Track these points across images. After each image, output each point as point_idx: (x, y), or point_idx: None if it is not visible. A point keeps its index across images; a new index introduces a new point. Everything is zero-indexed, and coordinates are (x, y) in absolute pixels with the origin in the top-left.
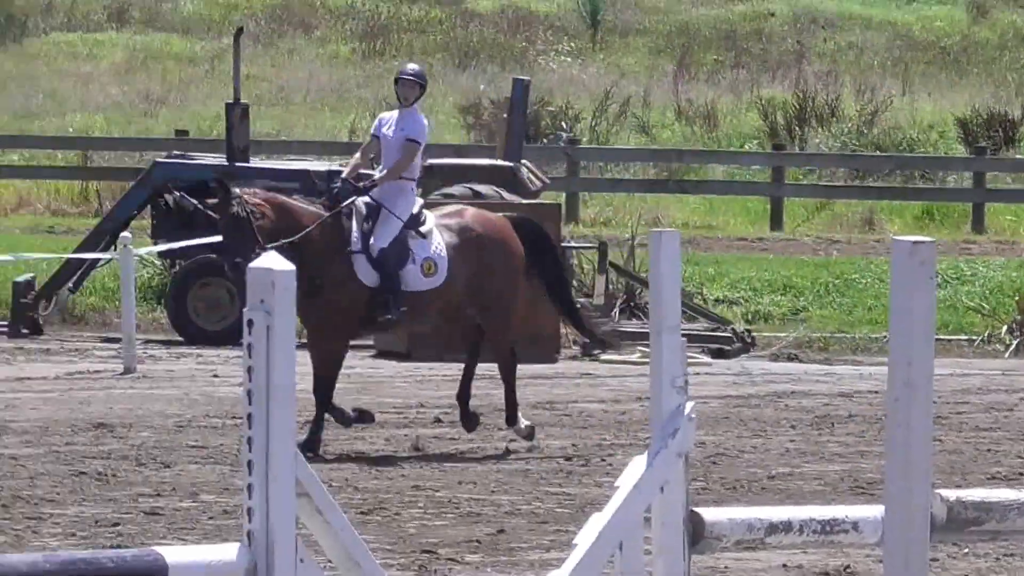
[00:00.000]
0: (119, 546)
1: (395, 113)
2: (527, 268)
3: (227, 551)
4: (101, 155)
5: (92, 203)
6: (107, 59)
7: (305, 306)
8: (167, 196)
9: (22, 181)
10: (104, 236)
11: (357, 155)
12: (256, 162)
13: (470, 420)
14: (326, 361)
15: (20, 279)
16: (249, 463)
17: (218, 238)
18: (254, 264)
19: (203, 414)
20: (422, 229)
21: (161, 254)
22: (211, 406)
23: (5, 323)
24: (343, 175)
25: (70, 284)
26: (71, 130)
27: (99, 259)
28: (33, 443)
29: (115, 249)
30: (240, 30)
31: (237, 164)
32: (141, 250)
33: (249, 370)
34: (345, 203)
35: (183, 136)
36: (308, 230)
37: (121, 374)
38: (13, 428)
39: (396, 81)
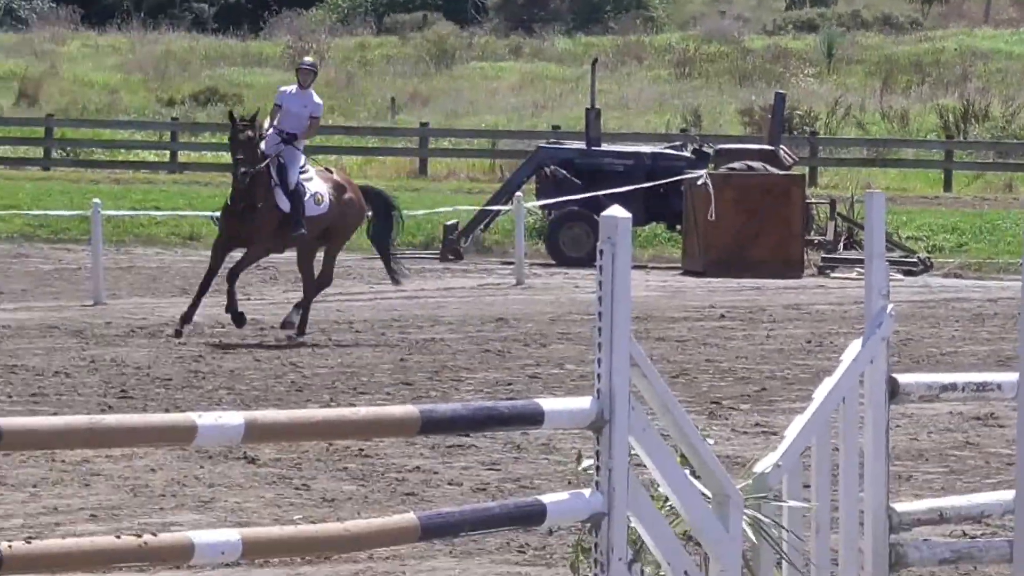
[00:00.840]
0: (511, 398)
1: (293, 89)
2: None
3: (583, 402)
4: (503, 142)
5: (496, 173)
6: (507, 79)
7: (241, 219)
8: (546, 169)
9: (451, 159)
10: (504, 195)
11: (270, 119)
12: (605, 147)
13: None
14: (251, 259)
15: (448, 223)
16: (599, 343)
17: (567, 196)
18: (606, 213)
19: (567, 312)
20: (310, 175)
21: (541, 207)
22: (574, 307)
23: (437, 252)
24: (273, 128)
25: (481, 226)
26: (483, 125)
27: (501, 210)
28: (455, 330)
29: (512, 203)
30: (595, 60)
31: (592, 149)
32: (528, 204)
33: (600, 283)
34: (275, 152)
35: (557, 130)
36: (265, 163)
37: (513, 285)
38: (442, 320)
39: (297, 70)
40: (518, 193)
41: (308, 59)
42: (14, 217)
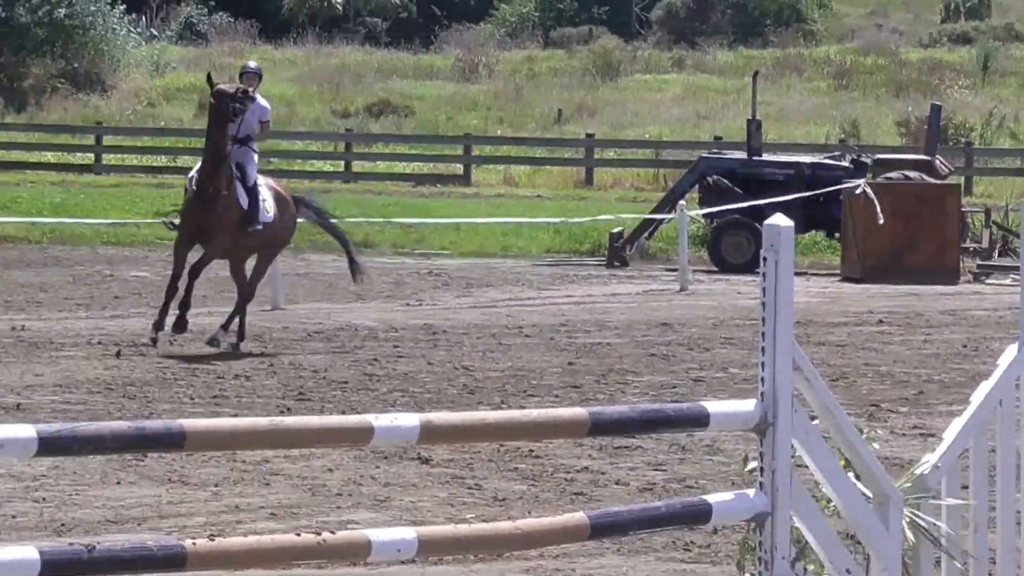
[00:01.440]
0: (676, 401)
1: None
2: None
3: (747, 405)
4: (666, 152)
5: (659, 183)
6: (670, 91)
7: (205, 209)
8: (708, 178)
9: (616, 168)
10: (668, 203)
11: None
12: (765, 157)
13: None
14: (211, 256)
15: (613, 231)
16: (762, 348)
17: (729, 205)
18: (768, 222)
19: (730, 317)
20: (260, 181)
21: (704, 215)
22: (736, 312)
23: (603, 259)
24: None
25: (646, 234)
26: (647, 136)
27: (664, 218)
28: (621, 334)
29: (675, 212)
30: (756, 72)
31: (753, 159)
32: (691, 212)
33: (763, 289)
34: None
35: (718, 140)
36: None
37: (677, 291)
38: (608, 324)
39: (241, 75)
40: (681, 202)
41: (251, 63)
42: None
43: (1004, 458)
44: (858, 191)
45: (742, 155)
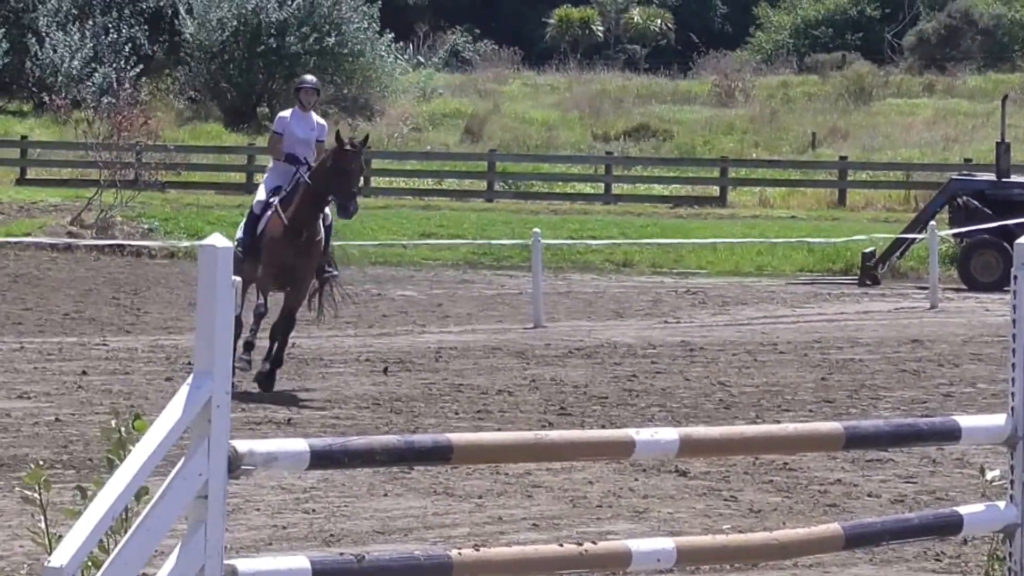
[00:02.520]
0: (926, 415)
1: (290, 113)
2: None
3: (998, 419)
4: (917, 174)
5: (911, 204)
6: (921, 115)
7: (299, 252)
8: (958, 199)
9: (868, 190)
10: (919, 224)
11: (280, 147)
12: (1015, 178)
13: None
14: (302, 300)
15: (866, 250)
16: (1012, 364)
17: (979, 225)
18: (1020, 241)
19: (979, 334)
20: None
21: (954, 235)
22: (985, 329)
23: (856, 278)
24: (285, 157)
25: (897, 254)
26: (898, 159)
27: (916, 238)
28: (873, 351)
29: (926, 232)
30: (1005, 96)
31: (1003, 180)
32: (942, 232)
33: (1014, 307)
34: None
35: (968, 162)
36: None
37: (928, 309)
38: (860, 341)
39: (298, 90)
40: (932, 222)
41: (309, 77)
42: (460, 246)
43: None
44: None
45: (991, 177)
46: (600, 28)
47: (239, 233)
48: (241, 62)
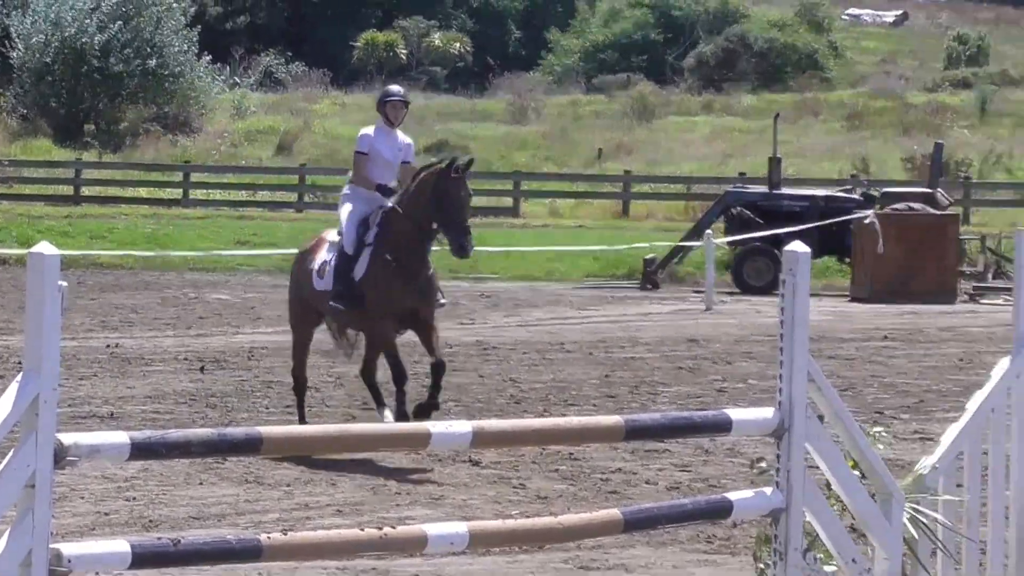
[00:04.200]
0: (701, 409)
1: (373, 130)
2: None
3: (766, 412)
4: (696, 187)
5: (689, 214)
6: (700, 132)
7: (420, 293)
8: (733, 210)
9: (650, 201)
10: (696, 232)
11: (354, 171)
12: (785, 191)
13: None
14: (438, 334)
15: (647, 257)
16: (780, 361)
17: (751, 233)
18: (788, 248)
19: (750, 334)
20: None
21: (729, 243)
22: (756, 330)
23: (638, 282)
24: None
25: (676, 260)
26: (678, 172)
27: (693, 245)
28: (652, 350)
29: (702, 240)
30: (777, 115)
31: (773, 192)
32: (717, 240)
33: (782, 308)
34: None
35: (743, 176)
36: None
37: (703, 311)
38: (641, 341)
39: (384, 103)
40: (708, 231)
41: (396, 88)
42: (272, 254)
43: (995, 460)
44: (867, 221)
45: (763, 189)
46: (403, 51)
47: (327, 283)
48: (67, 82)
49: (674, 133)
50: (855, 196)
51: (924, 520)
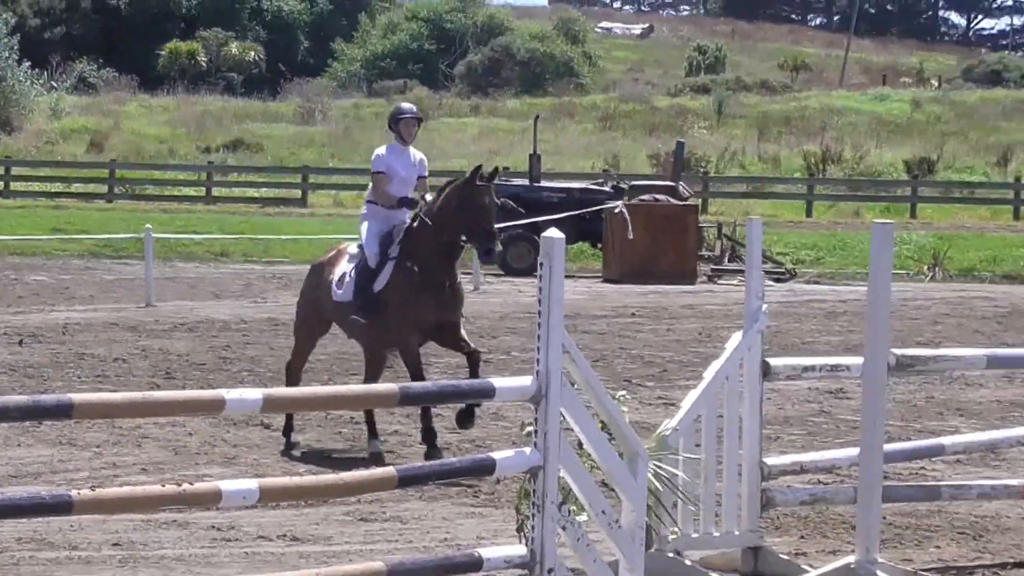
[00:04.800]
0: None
1: (387, 149)
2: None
3: (525, 380)
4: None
5: None
6: (469, 131)
7: (445, 305)
8: (499, 201)
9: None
10: None
11: (372, 190)
12: (544, 184)
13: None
14: (466, 338)
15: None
16: (538, 335)
17: (514, 222)
18: (544, 235)
19: (513, 311)
20: None
21: (496, 229)
22: (518, 308)
23: None
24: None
25: None
26: (450, 167)
27: None
28: None
29: None
30: (537, 116)
31: (534, 185)
32: None
33: (540, 288)
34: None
35: (507, 170)
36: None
37: (471, 291)
38: None
39: (397, 120)
40: None
41: (408, 105)
42: (85, 239)
43: (729, 423)
44: (616, 210)
45: (525, 182)
46: (204, 59)
47: (346, 294)
48: None
49: (446, 133)
50: (606, 188)
51: (666, 476)
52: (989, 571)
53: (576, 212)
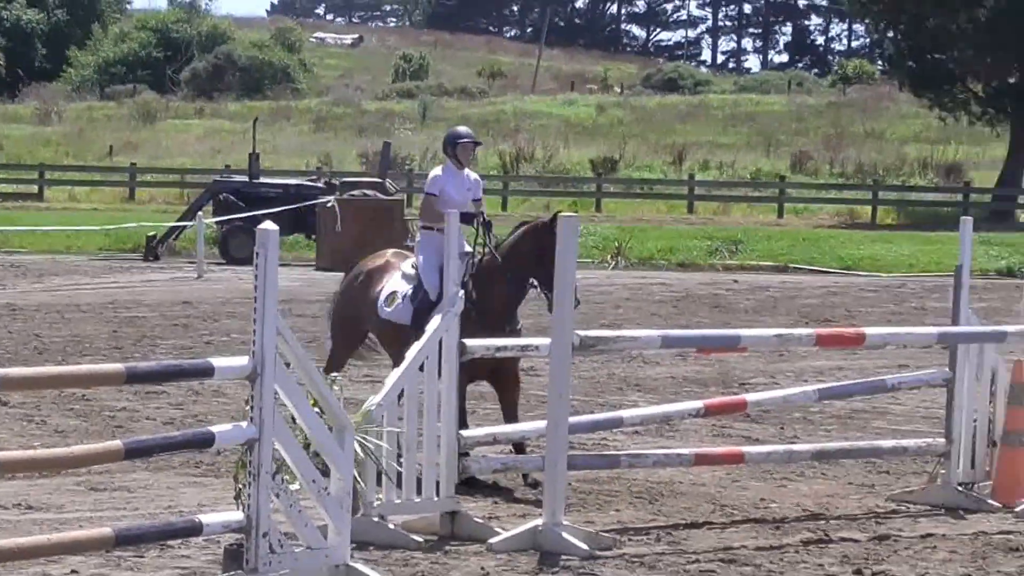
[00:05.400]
0: (193, 358)
1: (443, 170)
2: None
3: (242, 360)
4: (190, 176)
5: (185, 199)
6: (194, 132)
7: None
8: (220, 196)
9: (153, 188)
10: (191, 214)
11: (422, 211)
12: (262, 180)
13: None
14: (518, 392)
15: (150, 234)
16: (255, 319)
17: (235, 215)
18: (260, 227)
19: (234, 297)
20: None
21: (216, 222)
22: (238, 294)
23: (142, 255)
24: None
25: (173, 236)
26: (176, 165)
27: (188, 225)
28: (153, 309)
29: (195, 220)
30: (256, 119)
31: (253, 181)
32: (207, 220)
33: (256, 276)
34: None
35: (228, 168)
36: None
37: (196, 278)
38: (143, 303)
39: (455, 144)
40: (200, 212)
41: (464, 128)
42: None
43: (429, 398)
44: (329, 205)
45: (245, 179)
46: None
47: (400, 316)
48: None
49: (172, 133)
50: (319, 185)
51: (371, 447)
52: (663, 531)
53: (292, 206)
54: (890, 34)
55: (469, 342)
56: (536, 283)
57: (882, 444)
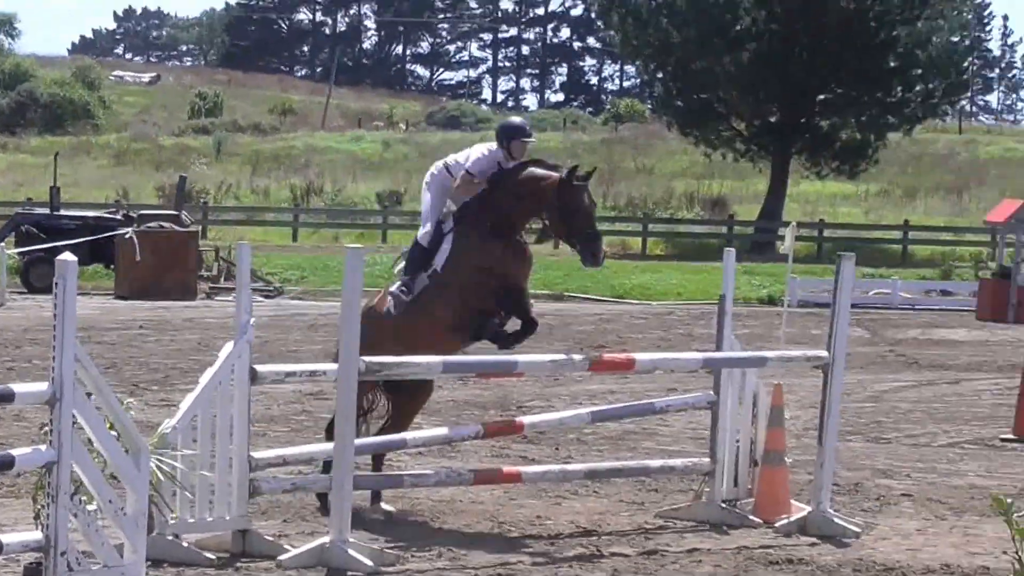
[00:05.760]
0: (12, 384)
1: (490, 151)
2: None
3: (42, 386)
4: None
5: None
6: None
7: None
8: (22, 227)
9: None
10: None
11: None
12: (63, 212)
13: None
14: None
15: None
16: (54, 346)
17: (37, 246)
18: (59, 258)
19: (36, 325)
20: None
21: (19, 253)
22: (40, 322)
23: None
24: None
25: None
26: None
27: None
28: None
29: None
30: (57, 153)
31: (54, 213)
32: (10, 251)
33: (55, 305)
34: None
35: (30, 200)
36: None
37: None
38: None
39: (510, 140)
40: (2, 244)
41: (520, 120)
42: None
43: (222, 421)
44: (127, 236)
45: (46, 211)
46: None
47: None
48: None
49: None
50: (118, 216)
51: (167, 468)
52: (444, 548)
53: (91, 238)
54: (659, 75)
55: (261, 368)
56: (567, 239)
57: (651, 464)
